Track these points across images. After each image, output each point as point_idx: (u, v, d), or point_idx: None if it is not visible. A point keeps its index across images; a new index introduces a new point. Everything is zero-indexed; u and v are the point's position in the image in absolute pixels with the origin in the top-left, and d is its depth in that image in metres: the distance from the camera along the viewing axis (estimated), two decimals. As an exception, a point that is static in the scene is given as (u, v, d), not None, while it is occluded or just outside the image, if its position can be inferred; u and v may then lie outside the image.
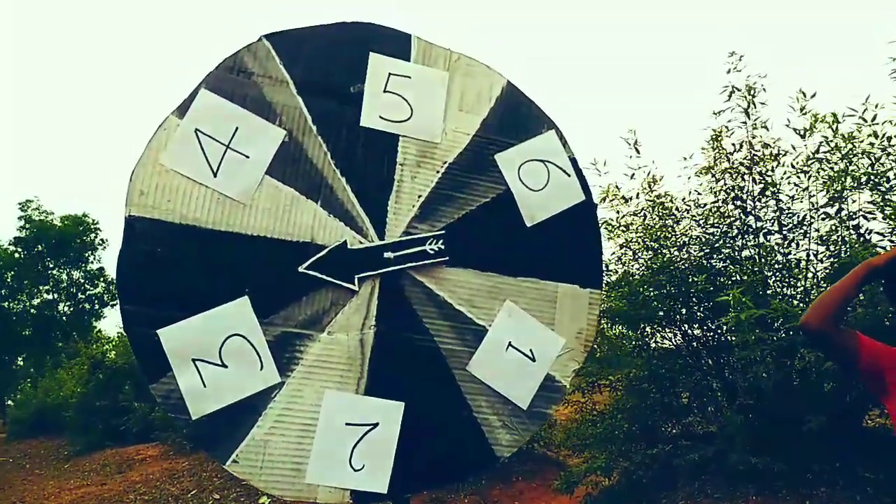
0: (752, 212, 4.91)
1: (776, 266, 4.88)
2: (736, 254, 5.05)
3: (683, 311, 5.28)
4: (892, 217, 4.10)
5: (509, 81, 2.22)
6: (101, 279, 27.02)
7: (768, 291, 4.74)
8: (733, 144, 4.95)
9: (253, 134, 1.94)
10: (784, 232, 4.83)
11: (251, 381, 1.80)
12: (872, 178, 4.18)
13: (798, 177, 4.67)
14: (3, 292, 24.86)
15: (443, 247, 2.00)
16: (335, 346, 1.88)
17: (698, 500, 4.46)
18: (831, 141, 4.36)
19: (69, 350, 22.97)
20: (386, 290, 1.96)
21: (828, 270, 4.48)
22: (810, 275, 4.67)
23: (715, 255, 5.13)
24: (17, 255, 25.08)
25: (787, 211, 4.78)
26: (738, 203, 4.99)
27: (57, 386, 15.94)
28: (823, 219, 4.58)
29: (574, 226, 2.16)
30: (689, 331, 5.38)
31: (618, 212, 5.46)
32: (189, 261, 1.82)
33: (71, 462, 11.31)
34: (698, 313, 5.29)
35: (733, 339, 4.78)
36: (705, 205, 5.27)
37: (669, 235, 5.26)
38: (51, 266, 26.05)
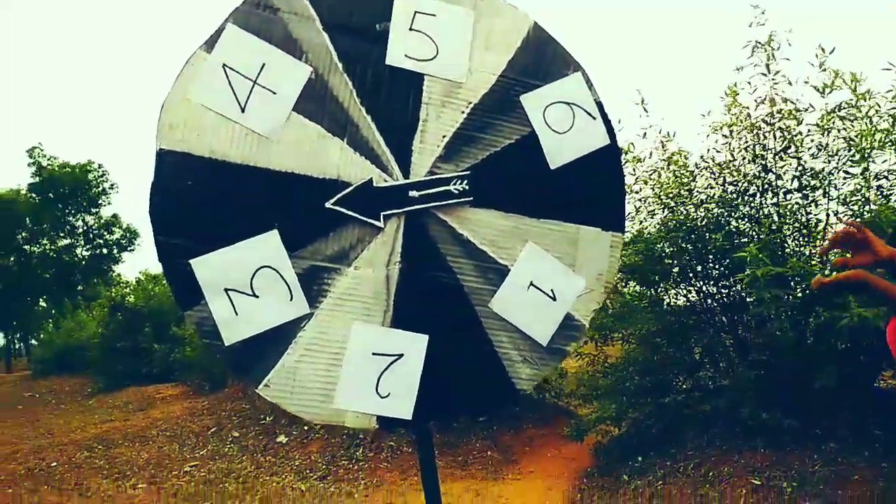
0: (773, 170, 4.85)
1: (795, 225, 4.85)
2: (754, 212, 5.01)
3: (699, 268, 5.29)
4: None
5: (536, 22, 2.18)
6: (117, 226, 27.40)
7: (786, 250, 4.73)
8: (755, 101, 4.85)
9: (280, 70, 1.93)
10: (805, 191, 4.78)
11: (281, 310, 1.85)
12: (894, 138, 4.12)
13: (818, 134, 4.60)
14: (25, 235, 25.29)
15: (467, 187, 2.01)
16: (361, 280, 1.93)
17: (707, 452, 4.56)
18: (851, 99, 4.28)
19: (88, 293, 23.45)
20: (410, 228, 1.98)
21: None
22: (830, 235, 4.64)
23: (733, 214, 5.10)
24: (32, 200, 25.38)
25: (808, 170, 4.72)
26: (758, 161, 4.93)
27: (78, 327, 16.41)
28: (846, 178, 4.52)
29: (598, 169, 2.15)
30: (704, 288, 5.40)
31: (633, 171, 5.43)
32: (219, 195, 1.86)
33: (94, 399, 11.74)
34: (713, 271, 5.30)
35: (749, 296, 4.80)
36: (722, 163, 5.21)
37: (685, 193, 5.22)
38: (67, 211, 26.37)
